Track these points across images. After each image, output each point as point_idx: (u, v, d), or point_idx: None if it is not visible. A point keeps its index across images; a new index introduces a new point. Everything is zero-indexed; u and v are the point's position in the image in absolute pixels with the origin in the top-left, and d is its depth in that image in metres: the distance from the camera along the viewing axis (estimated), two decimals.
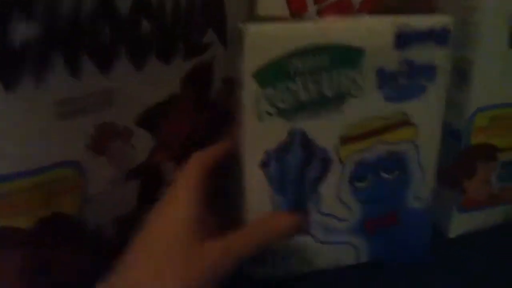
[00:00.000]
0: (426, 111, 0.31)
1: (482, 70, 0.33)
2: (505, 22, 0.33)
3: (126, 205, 0.33)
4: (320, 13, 0.35)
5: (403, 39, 0.29)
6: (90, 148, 0.29)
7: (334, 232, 0.33)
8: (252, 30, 0.28)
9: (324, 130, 0.30)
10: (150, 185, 0.34)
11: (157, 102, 0.31)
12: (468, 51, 0.33)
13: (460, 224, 0.37)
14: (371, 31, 0.29)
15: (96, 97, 0.29)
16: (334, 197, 0.32)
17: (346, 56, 0.29)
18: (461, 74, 0.34)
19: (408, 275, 0.34)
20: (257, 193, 0.31)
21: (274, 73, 0.28)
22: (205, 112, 0.34)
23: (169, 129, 0.33)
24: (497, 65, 0.33)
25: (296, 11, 0.35)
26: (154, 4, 0.29)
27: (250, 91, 0.28)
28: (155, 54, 0.30)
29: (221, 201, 0.32)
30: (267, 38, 0.28)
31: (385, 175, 0.32)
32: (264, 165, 0.30)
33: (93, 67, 0.28)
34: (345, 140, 0.31)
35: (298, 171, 0.31)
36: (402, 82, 0.30)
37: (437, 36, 0.30)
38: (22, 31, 0.24)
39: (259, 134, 0.29)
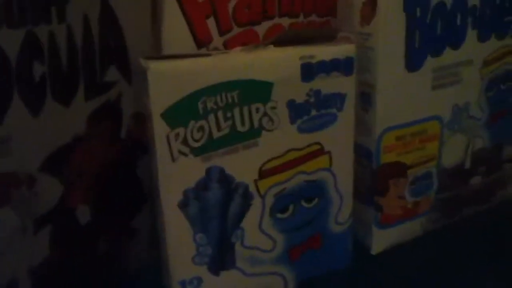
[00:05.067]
0: (338, 139, 0.32)
1: (383, 93, 0.35)
2: (401, 47, 0.35)
3: (39, 254, 0.31)
4: (226, 44, 0.35)
5: (309, 71, 0.30)
6: None
7: (260, 263, 0.33)
8: (156, 69, 0.27)
9: (241, 165, 0.30)
10: (64, 230, 0.32)
11: (60, 145, 0.30)
12: (368, 76, 0.35)
13: (381, 240, 0.39)
14: (278, 64, 0.30)
15: None
16: (257, 230, 0.32)
17: (256, 90, 0.29)
18: (365, 98, 0.35)
19: None
20: (178, 232, 0.30)
21: (183, 112, 0.28)
22: (116, 151, 0.33)
23: (78, 171, 0.31)
24: (397, 88, 0.35)
25: (202, 42, 0.35)
26: (45, 45, 0.28)
27: (160, 132, 0.28)
28: (52, 97, 0.29)
29: None
30: (172, 77, 0.27)
31: (305, 204, 0.33)
32: (183, 205, 0.30)
33: None
34: (264, 173, 0.31)
35: (219, 208, 0.30)
36: (313, 112, 0.31)
37: (342, 66, 0.31)
38: None
39: (174, 174, 0.29)
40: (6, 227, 0.29)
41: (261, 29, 0.37)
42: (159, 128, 0.28)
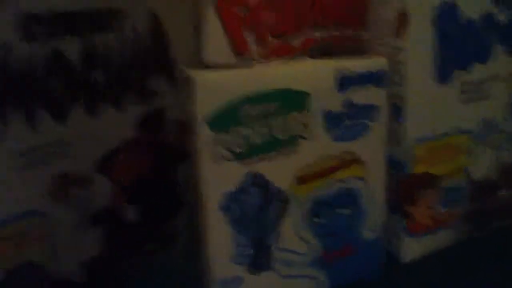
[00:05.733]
0: (371, 149, 0.34)
1: (413, 105, 0.36)
2: (430, 61, 0.36)
3: (91, 250, 0.33)
4: (264, 56, 0.37)
5: (344, 82, 0.32)
6: (51, 197, 0.30)
7: (295, 266, 0.34)
8: (202, 79, 0.29)
9: (279, 171, 0.32)
10: (112, 228, 0.34)
11: (112, 147, 0.32)
12: (399, 88, 0.36)
13: (411, 248, 0.39)
14: (314, 75, 0.32)
15: (54, 146, 0.29)
16: (293, 233, 0.33)
17: (293, 100, 0.31)
18: (396, 109, 0.37)
19: None
20: (218, 233, 0.31)
21: (226, 119, 0.30)
22: (160, 155, 0.36)
23: (126, 173, 0.34)
24: (427, 100, 0.36)
25: (239, 52, 0.37)
26: (101, 55, 0.30)
27: (204, 137, 0.30)
28: (108, 102, 0.31)
29: None
30: (216, 86, 0.29)
31: (339, 211, 0.34)
32: (224, 207, 0.31)
33: (49, 118, 0.28)
34: (301, 179, 0.32)
35: (257, 211, 0.32)
36: (347, 122, 0.33)
37: (375, 78, 0.33)
38: None
39: (216, 177, 0.30)
40: (64, 223, 0.31)
41: (295, 41, 0.39)
42: (203, 134, 0.29)
